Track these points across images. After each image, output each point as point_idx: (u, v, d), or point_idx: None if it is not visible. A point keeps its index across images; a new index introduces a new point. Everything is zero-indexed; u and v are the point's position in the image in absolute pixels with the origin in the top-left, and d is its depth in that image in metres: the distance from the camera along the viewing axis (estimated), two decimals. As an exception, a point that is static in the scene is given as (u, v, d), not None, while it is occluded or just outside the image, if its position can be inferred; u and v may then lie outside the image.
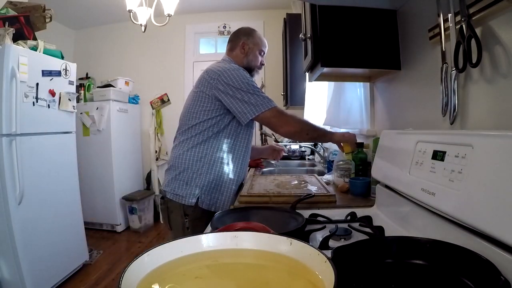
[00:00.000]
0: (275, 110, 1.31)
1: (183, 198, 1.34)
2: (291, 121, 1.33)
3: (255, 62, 1.50)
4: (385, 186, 0.98)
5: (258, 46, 1.49)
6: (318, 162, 2.38)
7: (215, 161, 1.35)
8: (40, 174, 2.14)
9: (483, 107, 0.72)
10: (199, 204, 1.33)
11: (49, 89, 2.22)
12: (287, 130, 1.33)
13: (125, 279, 0.35)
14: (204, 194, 1.34)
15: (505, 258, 0.46)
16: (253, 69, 1.50)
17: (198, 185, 1.34)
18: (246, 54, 1.48)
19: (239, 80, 1.31)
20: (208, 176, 1.34)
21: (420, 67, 1.00)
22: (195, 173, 1.34)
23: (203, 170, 1.34)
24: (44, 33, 2.38)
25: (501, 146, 0.51)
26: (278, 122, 1.32)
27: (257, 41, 1.49)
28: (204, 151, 1.35)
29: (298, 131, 1.34)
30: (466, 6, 0.68)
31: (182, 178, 1.36)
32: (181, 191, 1.35)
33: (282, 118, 1.32)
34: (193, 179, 1.34)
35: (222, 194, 1.36)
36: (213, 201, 1.35)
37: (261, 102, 1.30)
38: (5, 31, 1.96)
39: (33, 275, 1.98)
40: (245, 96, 1.30)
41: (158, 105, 3.92)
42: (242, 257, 0.48)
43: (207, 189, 1.34)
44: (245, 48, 1.48)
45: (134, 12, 2.55)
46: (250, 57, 1.48)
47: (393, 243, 0.58)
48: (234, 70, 1.34)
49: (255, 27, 1.61)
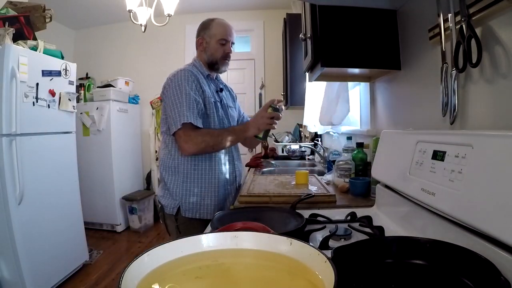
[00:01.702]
0: (182, 130, 1.24)
1: (166, 208, 1.34)
2: (192, 141, 1.25)
3: (217, 55, 1.39)
4: (385, 186, 0.98)
5: (217, 36, 1.37)
6: (318, 162, 2.38)
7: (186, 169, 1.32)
8: (40, 174, 2.14)
9: (483, 107, 0.72)
10: (182, 213, 1.31)
11: (49, 89, 2.22)
12: (189, 153, 1.28)
13: (125, 279, 0.35)
14: (184, 203, 1.32)
15: (505, 258, 0.46)
16: (215, 62, 1.40)
17: (174, 194, 1.33)
18: (204, 49, 1.40)
19: (173, 90, 1.27)
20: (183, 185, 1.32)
21: (420, 67, 1.00)
22: (171, 183, 1.34)
23: (175, 179, 1.33)
24: (44, 33, 2.38)
25: (501, 146, 0.51)
26: (179, 143, 1.28)
27: (215, 32, 1.38)
28: (174, 160, 1.33)
29: (201, 149, 1.27)
30: (466, 6, 0.68)
31: (163, 186, 1.37)
32: (163, 200, 1.36)
33: (184, 138, 1.25)
34: (169, 188, 1.34)
35: (203, 199, 1.33)
36: (196, 209, 1.32)
37: (177, 118, 1.24)
38: (5, 31, 1.96)
39: (33, 275, 1.98)
40: (169, 109, 1.27)
41: (158, 105, 3.92)
42: (242, 257, 0.48)
43: (185, 197, 1.32)
44: (203, 44, 1.40)
45: (134, 12, 2.55)
46: (210, 52, 1.39)
47: (393, 243, 0.58)
48: (175, 77, 1.30)
49: (255, 27, 1.61)
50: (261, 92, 3.83)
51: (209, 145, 1.28)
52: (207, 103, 1.33)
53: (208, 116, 1.33)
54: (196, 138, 1.25)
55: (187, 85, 1.27)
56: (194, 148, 1.26)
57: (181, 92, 1.26)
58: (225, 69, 1.45)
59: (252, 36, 3.90)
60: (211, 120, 1.34)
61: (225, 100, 1.47)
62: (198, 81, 1.32)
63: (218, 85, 1.48)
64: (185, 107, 1.24)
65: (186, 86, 1.27)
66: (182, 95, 1.25)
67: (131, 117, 3.73)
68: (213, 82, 1.45)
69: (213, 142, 1.28)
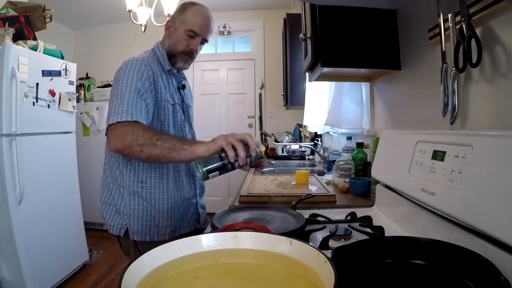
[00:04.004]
0: (117, 125, 0.95)
1: (111, 228, 1.13)
2: (122, 135, 0.94)
3: (179, 46, 1.12)
4: (385, 186, 0.98)
5: (187, 25, 1.10)
6: (318, 162, 2.38)
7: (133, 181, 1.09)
8: (40, 174, 2.14)
9: (483, 107, 0.72)
10: (130, 236, 1.09)
11: (49, 89, 2.22)
12: (115, 148, 0.94)
13: (125, 279, 0.35)
14: (133, 225, 1.09)
15: (505, 258, 0.46)
16: (174, 54, 1.13)
17: (121, 212, 1.10)
18: (169, 35, 1.15)
19: (119, 81, 1.02)
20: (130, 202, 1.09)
21: (420, 67, 1.00)
22: (116, 197, 1.12)
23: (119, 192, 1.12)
24: (44, 33, 2.38)
25: (501, 146, 0.51)
26: (109, 137, 0.97)
27: (187, 18, 1.11)
28: (118, 169, 1.11)
29: (127, 144, 0.92)
30: (466, 6, 0.68)
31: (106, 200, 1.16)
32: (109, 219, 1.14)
33: (116, 131, 0.95)
34: (115, 204, 1.12)
35: (153, 220, 1.11)
36: (145, 231, 1.09)
37: (113, 111, 0.97)
38: (5, 31, 1.96)
39: (33, 275, 1.98)
40: (112, 99, 1.01)
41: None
42: (242, 257, 0.48)
43: (133, 217, 1.10)
44: (170, 28, 1.14)
45: (134, 12, 2.55)
46: (173, 40, 1.13)
47: (393, 243, 0.58)
48: (126, 66, 1.04)
49: (255, 27, 1.57)
50: (261, 92, 3.83)
51: (137, 143, 0.92)
52: (161, 108, 1.08)
53: (162, 123, 1.09)
54: (125, 131, 0.94)
55: (135, 79, 1.01)
56: (120, 143, 0.93)
57: (126, 86, 0.99)
58: (183, 67, 1.18)
59: (252, 36, 3.90)
60: (165, 127, 1.09)
61: (186, 100, 1.23)
62: (155, 79, 1.06)
63: (180, 81, 1.22)
64: (126, 103, 0.96)
65: (133, 81, 1.00)
66: (126, 90, 0.98)
67: (131, 117, 3.72)
68: (175, 78, 1.19)
69: (143, 140, 0.92)
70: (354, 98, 1.60)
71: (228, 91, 3.95)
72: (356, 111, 1.59)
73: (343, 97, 1.65)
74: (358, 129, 1.60)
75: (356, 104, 1.59)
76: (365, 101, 1.55)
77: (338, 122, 1.71)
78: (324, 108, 2.09)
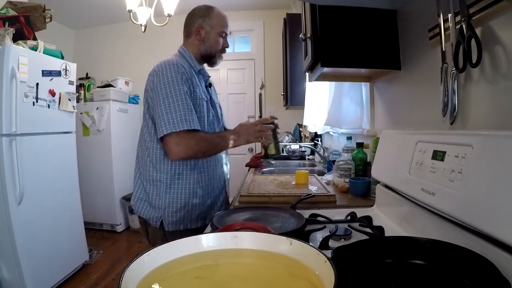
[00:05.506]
0: (178, 133, 1.10)
1: (150, 220, 1.26)
2: (186, 144, 1.12)
3: (216, 47, 1.27)
4: (385, 186, 0.98)
5: (217, 28, 1.25)
6: (318, 162, 2.38)
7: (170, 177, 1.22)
8: (40, 174, 2.14)
9: (483, 107, 0.72)
10: (165, 227, 1.22)
11: (49, 89, 2.22)
12: (179, 157, 1.13)
13: (125, 279, 0.35)
14: (168, 217, 1.22)
15: (505, 258, 0.46)
16: (213, 55, 1.28)
17: (156, 206, 1.23)
18: (202, 40, 1.25)
19: (163, 86, 1.12)
20: (166, 196, 1.21)
21: (420, 67, 1.00)
22: (152, 193, 1.25)
23: (156, 188, 1.24)
24: (44, 33, 2.38)
25: (501, 146, 0.51)
26: (170, 145, 1.13)
27: (216, 22, 1.25)
28: (155, 167, 1.22)
29: (193, 154, 1.15)
30: (466, 6, 0.68)
31: (141, 197, 1.29)
32: (144, 213, 1.28)
33: (177, 140, 1.11)
34: (150, 200, 1.25)
35: (189, 211, 1.23)
36: (179, 221, 1.22)
37: (172, 121, 1.11)
38: (5, 31, 1.96)
39: (33, 275, 1.98)
40: (160, 109, 1.12)
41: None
42: (242, 257, 0.48)
43: (168, 209, 1.22)
44: (201, 33, 1.25)
45: (134, 12, 2.55)
46: (208, 43, 1.26)
47: (393, 243, 0.58)
48: (165, 70, 1.14)
49: (255, 27, 1.58)
50: (261, 92, 3.83)
51: (202, 151, 1.17)
52: (197, 105, 1.20)
53: (198, 118, 1.19)
54: (190, 141, 1.12)
55: (180, 83, 1.13)
56: (185, 152, 1.12)
57: (174, 91, 1.12)
58: (219, 63, 1.34)
59: (252, 36, 3.90)
60: (200, 123, 1.20)
61: (214, 97, 1.35)
62: (191, 80, 1.18)
63: (206, 79, 1.33)
64: (182, 110, 1.11)
65: (180, 85, 1.13)
66: (176, 95, 1.11)
67: (131, 117, 3.72)
68: (203, 78, 1.31)
69: (206, 148, 1.17)
70: (354, 98, 1.59)
71: (228, 91, 3.95)
72: (356, 111, 1.58)
73: (343, 97, 1.65)
74: (358, 129, 1.59)
75: (356, 104, 1.59)
76: (365, 101, 1.55)
77: (338, 122, 1.71)
78: (324, 108, 2.09)
